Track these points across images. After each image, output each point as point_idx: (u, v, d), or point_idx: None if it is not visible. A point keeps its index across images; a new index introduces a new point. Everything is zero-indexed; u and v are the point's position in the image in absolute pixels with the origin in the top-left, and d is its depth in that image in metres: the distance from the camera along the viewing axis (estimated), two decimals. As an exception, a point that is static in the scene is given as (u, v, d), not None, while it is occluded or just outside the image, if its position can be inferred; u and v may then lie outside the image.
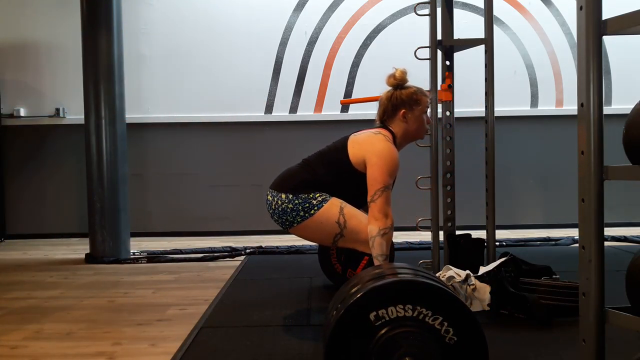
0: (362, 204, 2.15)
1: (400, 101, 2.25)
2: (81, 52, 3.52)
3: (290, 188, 2.13)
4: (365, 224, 2.05)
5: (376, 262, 1.98)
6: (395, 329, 1.41)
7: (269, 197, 2.19)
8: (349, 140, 2.21)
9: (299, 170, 2.22)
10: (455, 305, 1.44)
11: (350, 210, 2.10)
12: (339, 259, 2.69)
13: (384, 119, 2.29)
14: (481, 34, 2.75)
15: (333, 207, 2.09)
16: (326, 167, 2.18)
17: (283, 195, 2.13)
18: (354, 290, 1.50)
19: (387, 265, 1.82)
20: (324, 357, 1.44)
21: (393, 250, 2.57)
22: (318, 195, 2.11)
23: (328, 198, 2.11)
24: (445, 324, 1.42)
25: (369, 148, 2.13)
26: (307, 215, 2.09)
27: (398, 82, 2.27)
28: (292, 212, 2.10)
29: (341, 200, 2.12)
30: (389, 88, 2.31)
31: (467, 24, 4.28)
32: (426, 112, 2.30)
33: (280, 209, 2.13)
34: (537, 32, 4.45)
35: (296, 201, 2.10)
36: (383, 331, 1.41)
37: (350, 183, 2.15)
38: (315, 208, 2.09)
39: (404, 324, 1.41)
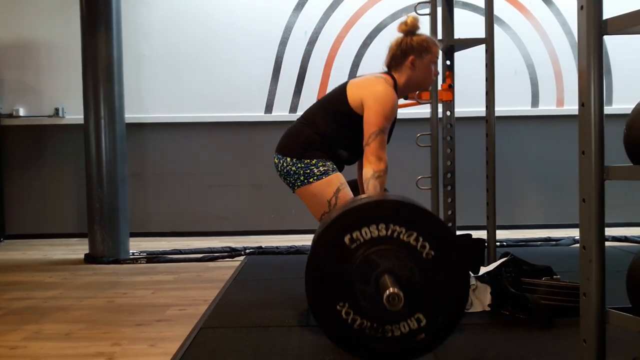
0: (362, 150, 2.13)
1: (409, 47, 2.19)
2: (81, 51, 3.52)
3: (295, 152, 2.18)
4: None
5: None
6: (370, 249, 1.41)
7: (275, 160, 2.26)
8: (348, 84, 2.20)
9: (300, 129, 2.23)
10: (430, 220, 1.43)
11: (345, 195, 2.10)
12: None
13: (391, 66, 2.24)
14: (482, 34, 2.74)
15: (331, 186, 2.11)
16: (326, 114, 2.19)
17: (288, 159, 2.19)
18: (330, 218, 1.51)
19: (365, 195, 1.79)
20: (305, 286, 1.42)
21: None
22: (321, 164, 2.13)
23: (330, 172, 2.13)
24: (421, 239, 1.40)
25: (367, 90, 2.11)
26: (306, 181, 2.13)
27: (409, 29, 2.21)
28: (295, 174, 2.17)
29: (342, 181, 2.13)
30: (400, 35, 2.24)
31: (467, 24, 4.27)
32: (435, 62, 2.25)
33: (285, 171, 2.20)
34: (538, 31, 4.45)
35: (299, 165, 2.15)
36: (359, 253, 1.42)
37: (350, 128, 2.15)
38: (315, 177, 2.12)
39: (379, 243, 1.41)
